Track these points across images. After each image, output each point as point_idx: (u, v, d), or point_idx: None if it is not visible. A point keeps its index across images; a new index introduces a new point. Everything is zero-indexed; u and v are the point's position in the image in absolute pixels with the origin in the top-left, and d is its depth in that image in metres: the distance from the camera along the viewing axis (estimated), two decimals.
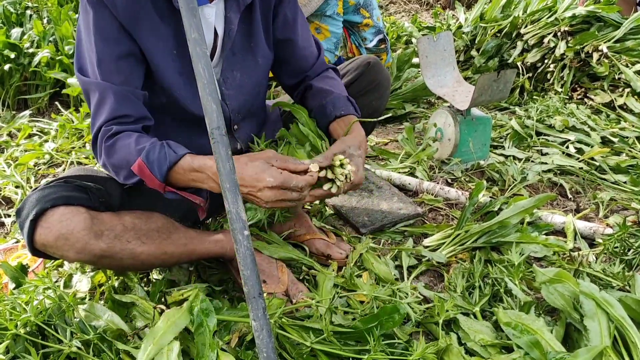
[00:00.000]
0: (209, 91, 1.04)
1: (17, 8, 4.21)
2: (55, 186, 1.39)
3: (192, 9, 1.05)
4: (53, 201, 1.33)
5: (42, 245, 1.34)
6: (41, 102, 3.60)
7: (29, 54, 3.57)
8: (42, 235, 1.32)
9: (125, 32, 1.38)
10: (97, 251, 1.36)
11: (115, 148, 1.37)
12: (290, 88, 1.80)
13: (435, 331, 1.49)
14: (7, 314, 1.31)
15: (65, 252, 1.35)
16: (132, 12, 1.37)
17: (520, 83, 3.64)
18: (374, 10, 3.39)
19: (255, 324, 1.05)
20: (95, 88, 1.39)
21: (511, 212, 1.90)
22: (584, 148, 2.68)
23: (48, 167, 2.72)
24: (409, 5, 7.65)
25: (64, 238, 1.32)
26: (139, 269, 1.65)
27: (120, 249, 1.41)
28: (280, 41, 1.67)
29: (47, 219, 1.32)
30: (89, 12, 1.36)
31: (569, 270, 1.66)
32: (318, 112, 1.65)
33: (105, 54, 1.38)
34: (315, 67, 1.74)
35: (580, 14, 3.50)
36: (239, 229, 1.04)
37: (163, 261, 1.54)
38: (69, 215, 1.33)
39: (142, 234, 1.46)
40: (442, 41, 2.66)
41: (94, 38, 1.37)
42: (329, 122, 1.64)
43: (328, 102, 1.64)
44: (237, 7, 1.52)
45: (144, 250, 1.46)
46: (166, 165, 1.32)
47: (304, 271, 1.79)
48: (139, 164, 1.32)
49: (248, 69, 1.62)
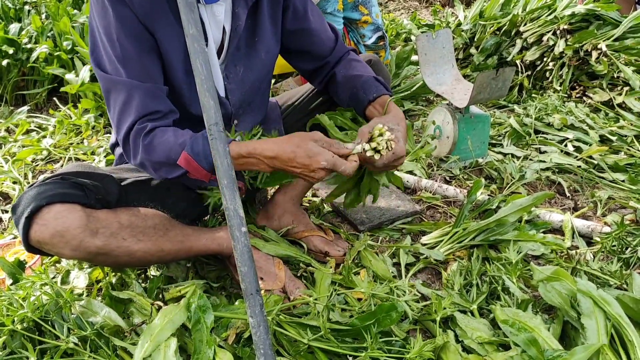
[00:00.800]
0: (206, 87, 1.04)
1: (16, 3, 4.20)
2: (51, 183, 1.38)
3: (190, 4, 1.05)
4: (49, 198, 1.32)
5: (38, 243, 1.33)
6: (39, 97, 3.59)
7: (27, 50, 3.56)
8: (37, 232, 1.31)
9: (145, 28, 1.39)
10: (93, 249, 1.36)
11: (154, 145, 1.41)
12: (311, 74, 1.82)
13: (433, 329, 1.49)
14: (4, 310, 1.31)
15: (60, 250, 1.34)
16: (149, 9, 1.38)
17: (519, 81, 3.64)
18: (373, 8, 3.39)
19: (253, 320, 1.05)
20: (121, 87, 1.41)
21: (509, 210, 1.90)
22: (582, 146, 2.68)
23: (46, 163, 2.71)
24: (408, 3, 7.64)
25: (60, 235, 1.32)
26: (135, 265, 1.65)
27: (116, 247, 1.41)
28: (295, 32, 1.67)
29: (42, 216, 1.31)
30: (107, 8, 1.37)
31: (567, 269, 1.66)
32: (352, 101, 1.67)
33: (129, 51, 1.39)
34: (335, 52, 1.75)
35: (580, 12, 3.49)
36: (237, 225, 1.04)
37: (159, 258, 1.54)
38: (64, 213, 1.33)
39: (139, 231, 1.46)
40: (441, 39, 2.66)
41: (116, 36, 1.37)
42: (364, 107, 1.65)
43: (358, 89, 1.65)
44: (245, 2, 1.53)
45: (140, 247, 1.46)
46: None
47: (302, 268, 1.79)
48: (185, 157, 1.37)
49: (251, 63, 1.62)
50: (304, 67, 1.81)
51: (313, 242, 1.87)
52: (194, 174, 1.40)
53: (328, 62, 1.75)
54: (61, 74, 3.39)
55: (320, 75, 1.78)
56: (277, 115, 1.89)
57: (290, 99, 1.96)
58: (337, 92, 1.74)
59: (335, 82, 1.73)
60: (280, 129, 1.88)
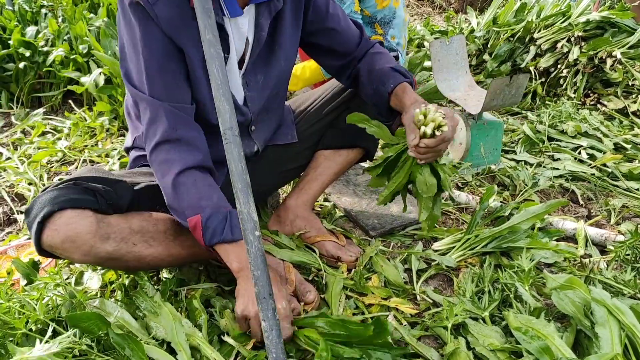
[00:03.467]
0: (222, 92, 1.04)
1: (33, 6, 4.24)
2: (63, 188, 1.39)
3: (207, 10, 1.06)
4: (61, 204, 1.34)
5: (49, 247, 1.34)
6: (55, 100, 3.63)
7: (43, 53, 3.60)
8: (49, 237, 1.33)
9: (173, 44, 1.40)
10: (103, 254, 1.37)
11: (182, 190, 1.42)
12: (338, 71, 1.81)
13: (444, 335, 1.48)
14: (17, 313, 1.32)
15: (71, 255, 1.36)
16: (176, 23, 1.38)
17: (533, 88, 3.63)
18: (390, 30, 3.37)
19: (265, 324, 1.05)
20: (147, 104, 1.43)
21: (522, 217, 1.89)
22: (596, 154, 2.67)
23: (61, 165, 2.74)
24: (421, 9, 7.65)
25: (71, 241, 1.33)
26: (144, 269, 1.66)
27: (126, 252, 1.42)
28: (318, 31, 1.68)
29: (54, 221, 1.33)
30: (134, 26, 1.38)
31: (580, 277, 1.65)
32: (374, 97, 1.67)
33: (154, 69, 1.40)
34: (360, 47, 1.75)
35: (594, 20, 3.48)
36: (250, 229, 1.04)
37: (169, 263, 1.55)
38: (76, 219, 1.34)
39: (149, 236, 1.47)
40: (455, 45, 2.66)
41: (142, 51, 1.39)
42: (387, 101, 1.64)
43: (378, 84, 1.65)
44: (269, 12, 1.53)
45: (151, 252, 1.47)
46: (217, 239, 1.39)
47: (313, 272, 1.79)
48: (197, 222, 1.39)
49: (270, 71, 1.63)
50: (331, 64, 1.79)
51: (325, 247, 1.87)
52: (195, 236, 1.42)
53: (354, 57, 1.74)
54: (76, 77, 3.42)
55: (347, 72, 1.77)
56: (291, 120, 1.90)
57: (303, 104, 1.97)
58: (363, 90, 1.73)
59: (360, 79, 1.72)
60: (293, 134, 1.88)
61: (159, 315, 1.41)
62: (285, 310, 1.34)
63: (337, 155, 1.91)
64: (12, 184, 2.50)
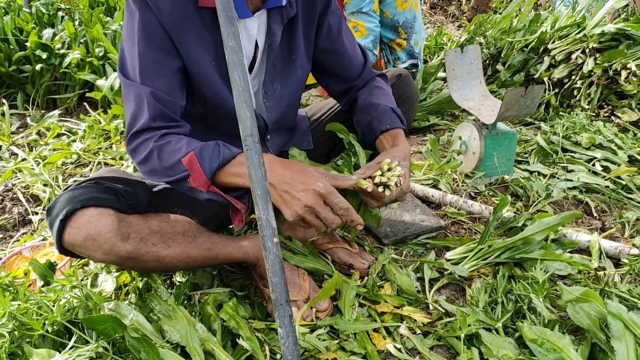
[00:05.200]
0: (243, 98, 1.05)
1: (50, 9, 4.29)
2: (85, 187, 1.41)
3: (229, 18, 1.07)
4: (83, 202, 1.35)
5: (71, 245, 1.36)
6: (70, 102, 3.67)
7: (59, 55, 3.64)
8: (70, 235, 1.34)
9: (170, 40, 1.40)
10: (123, 253, 1.38)
11: (166, 147, 1.38)
12: (338, 95, 1.83)
13: (457, 345, 1.48)
14: (34, 314, 1.33)
15: (92, 253, 1.36)
16: (178, 20, 1.39)
17: (547, 99, 3.62)
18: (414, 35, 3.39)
19: (282, 331, 1.05)
20: (137, 89, 1.41)
21: (536, 228, 1.89)
22: (610, 166, 2.65)
23: (75, 167, 2.76)
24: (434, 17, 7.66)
25: (92, 239, 1.34)
26: (162, 271, 1.67)
27: (145, 252, 1.43)
28: (325, 51, 1.69)
29: (76, 219, 1.34)
30: (134, 13, 1.38)
31: (595, 290, 1.64)
32: (365, 128, 1.68)
33: (147, 57, 1.40)
34: (363, 76, 1.77)
35: (609, 31, 3.47)
36: (269, 235, 1.05)
37: (187, 264, 1.55)
38: (97, 217, 1.35)
39: (168, 237, 1.48)
40: (469, 54, 2.66)
41: (137, 40, 1.39)
42: (376, 137, 1.66)
43: (373, 118, 1.65)
44: (281, 18, 1.54)
45: (169, 253, 1.48)
46: (218, 162, 1.33)
47: (326, 279, 1.79)
48: (191, 156, 1.33)
49: (287, 80, 1.64)
50: (332, 88, 1.82)
51: (338, 254, 1.87)
52: (193, 179, 1.36)
53: (355, 85, 1.77)
54: (92, 80, 3.45)
55: (346, 97, 1.79)
56: (306, 127, 1.91)
57: (318, 112, 1.98)
58: (356, 118, 1.75)
59: (356, 107, 1.74)
60: (309, 141, 1.89)
61: (174, 319, 1.41)
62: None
63: None
64: (28, 184, 2.52)
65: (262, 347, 1.45)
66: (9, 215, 2.30)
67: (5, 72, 3.57)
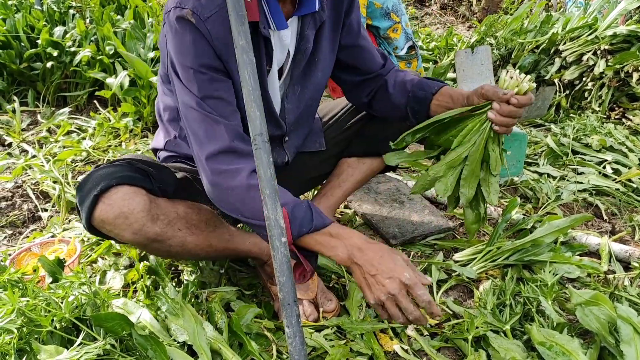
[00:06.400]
0: (253, 98, 1.05)
1: (61, 7, 4.31)
2: (119, 166, 1.41)
3: (240, 17, 1.07)
4: (119, 179, 1.35)
5: (101, 222, 1.35)
6: (80, 100, 3.68)
7: (70, 53, 3.66)
8: (102, 211, 1.33)
9: (220, 61, 1.37)
10: (151, 234, 1.38)
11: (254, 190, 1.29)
12: (356, 87, 1.78)
13: (464, 347, 1.48)
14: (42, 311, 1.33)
15: (121, 232, 1.36)
16: (224, 40, 1.35)
17: (557, 100, 3.60)
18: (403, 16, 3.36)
19: (289, 330, 1.05)
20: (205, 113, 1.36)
21: (545, 231, 1.87)
22: (621, 169, 2.64)
23: (85, 164, 2.77)
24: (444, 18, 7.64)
25: (124, 217, 1.34)
26: (183, 257, 1.67)
27: (171, 235, 1.43)
28: (345, 47, 1.68)
29: (110, 196, 1.33)
30: (181, 33, 1.34)
31: (604, 293, 1.63)
32: (412, 102, 1.63)
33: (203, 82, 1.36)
34: (386, 66, 1.74)
35: (621, 33, 3.45)
36: (277, 235, 1.04)
37: (207, 253, 1.55)
38: (131, 195, 1.35)
39: (192, 224, 1.48)
40: (480, 55, 2.65)
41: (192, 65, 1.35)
42: (429, 103, 1.60)
43: (416, 90, 1.62)
44: (314, 24, 1.53)
45: (192, 240, 1.48)
46: (309, 228, 1.28)
47: (333, 279, 1.79)
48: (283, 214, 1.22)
49: (308, 82, 1.64)
50: (348, 79, 1.77)
51: None
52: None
53: (379, 74, 1.73)
54: (102, 78, 3.46)
55: (367, 88, 1.76)
56: (319, 128, 1.90)
57: (330, 112, 1.97)
58: (391, 99, 1.70)
59: (387, 91, 1.71)
60: (322, 142, 1.89)
61: (181, 317, 1.41)
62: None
63: (360, 163, 1.91)
64: (37, 181, 2.53)
65: (269, 347, 1.45)
66: (19, 212, 2.31)
67: (17, 70, 3.59)
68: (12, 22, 3.70)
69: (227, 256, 1.64)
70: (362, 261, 1.26)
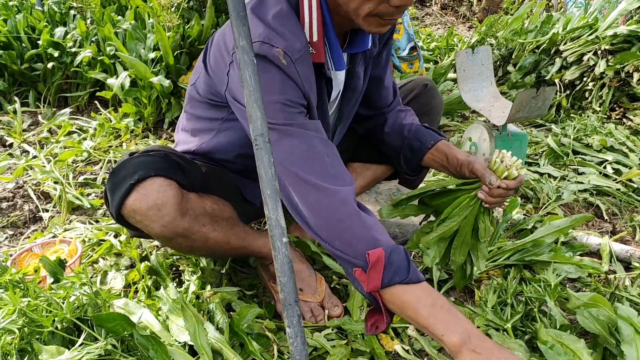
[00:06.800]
0: (254, 98, 1.05)
1: (62, 8, 4.31)
2: (155, 156, 1.39)
3: (241, 17, 1.07)
4: (156, 170, 1.34)
5: (132, 211, 1.33)
6: (81, 100, 3.68)
7: (71, 53, 3.66)
8: (136, 200, 1.32)
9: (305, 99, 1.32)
10: (180, 229, 1.38)
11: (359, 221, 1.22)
12: (362, 120, 1.80)
13: None
14: (44, 311, 1.34)
15: (151, 223, 1.35)
16: (310, 80, 1.32)
17: (558, 100, 3.60)
18: (405, 17, 3.36)
19: (290, 330, 1.05)
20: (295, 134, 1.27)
21: (546, 231, 1.88)
22: (621, 169, 2.64)
23: (86, 165, 2.77)
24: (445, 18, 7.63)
25: (157, 208, 1.33)
26: (202, 254, 1.68)
27: (196, 230, 1.43)
28: (371, 78, 1.67)
29: (145, 186, 1.32)
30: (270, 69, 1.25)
31: (605, 294, 1.63)
32: (406, 151, 1.68)
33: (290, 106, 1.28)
34: (392, 105, 1.76)
35: (622, 33, 3.45)
36: (278, 235, 1.04)
37: (224, 250, 1.56)
38: (167, 187, 1.34)
39: (215, 220, 1.49)
40: (481, 55, 2.65)
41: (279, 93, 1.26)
42: (423, 155, 1.66)
43: (412, 139, 1.66)
44: (364, 61, 1.53)
45: (214, 236, 1.48)
46: (402, 278, 1.16)
47: (335, 280, 1.79)
48: (379, 256, 1.16)
49: (349, 113, 1.65)
50: (359, 111, 1.75)
51: None
52: (361, 274, 1.19)
53: (384, 112, 1.75)
54: (103, 79, 3.46)
55: (369, 122, 1.78)
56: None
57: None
58: (385, 140, 1.74)
59: (383, 130, 1.73)
60: None
61: (182, 317, 1.42)
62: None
63: (365, 169, 1.91)
64: (38, 182, 2.54)
65: (270, 347, 1.45)
66: (20, 212, 2.32)
67: (18, 70, 3.59)
68: (13, 22, 3.70)
69: (238, 254, 1.64)
70: (481, 349, 1.10)
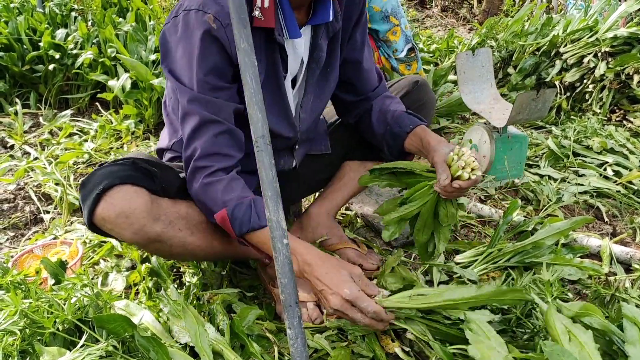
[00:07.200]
0: (255, 100, 1.05)
1: (63, 10, 4.32)
2: (122, 165, 1.41)
3: (242, 20, 1.07)
4: (121, 178, 1.35)
5: (102, 220, 1.35)
6: (82, 102, 3.69)
7: (72, 55, 3.66)
8: (104, 209, 1.33)
9: (233, 65, 1.39)
10: (152, 235, 1.39)
11: (208, 190, 1.41)
12: (348, 107, 1.81)
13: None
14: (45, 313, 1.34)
15: (122, 231, 1.36)
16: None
17: (558, 102, 3.60)
18: (402, 18, 3.36)
19: (291, 332, 1.06)
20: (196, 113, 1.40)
21: (546, 233, 1.87)
22: (621, 171, 2.64)
23: (87, 166, 2.78)
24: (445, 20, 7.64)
25: (125, 216, 1.34)
26: (184, 258, 1.68)
27: (172, 236, 1.43)
28: (347, 61, 1.69)
29: (112, 195, 1.34)
30: (194, 36, 1.35)
31: (605, 295, 1.63)
32: (388, 138, 1.69)
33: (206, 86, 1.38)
34: (377, 90, 1.77)
35: (622, 35, 3.45)
36: (279, 237, 1.05)
37: (208, 254, 1.57)
38: (133, 195, 1.35)
39: (193, 224, 1.49)
40: (481, 57, 2.66)
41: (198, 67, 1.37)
42: (402, 141, 1.67)
43: (393, 125, 1.67)
44: (327, 33, 1.54)
45: (193, 240, 1.49)
46: (247, 228, 1.37)
47: None
48: (223, 216, 1.38)
49: (320, 92, 1.65)
50: (344, 97, 1.79)
51: (346, 255, 1.87)
52: (226, 229, 1.42)
53: (369, 97, 1.76)
54: (103, 81, 3.47)
55: (356, 109, 1.79)
56: (324, 131, 1.91)
57: (335, 115, 1.97)
58: (370, 129, 1.75)
59: (370, 119, 1.74)
60: (327, 145, 1.89)
61: (183, 319, 1.42)
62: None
63: (362, 167, 1.91)
64: (39, 183, 2.54)
65: (270, 348, 1.45)
66: (21, 214, 2.32)
67: (19, 72, 3.60)
68: (15, 24, 3.70)
69: (229, 257, 1.65)
70: (310, 277, 1.34)
